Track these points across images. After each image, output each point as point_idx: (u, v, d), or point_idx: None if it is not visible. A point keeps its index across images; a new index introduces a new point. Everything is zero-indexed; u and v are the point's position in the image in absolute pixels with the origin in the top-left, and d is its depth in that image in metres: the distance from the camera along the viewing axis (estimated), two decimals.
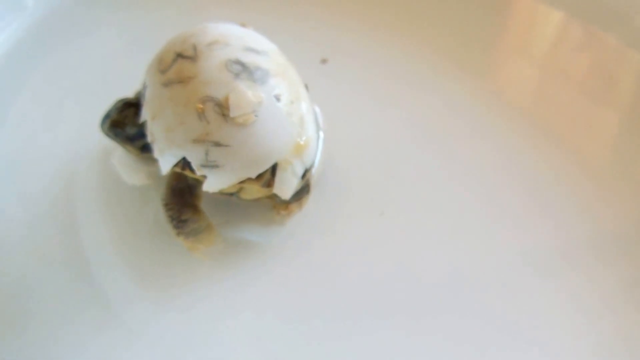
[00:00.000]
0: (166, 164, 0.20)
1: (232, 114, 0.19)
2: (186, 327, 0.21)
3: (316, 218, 0.24)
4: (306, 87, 0.23)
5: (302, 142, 0.21)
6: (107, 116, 0.23)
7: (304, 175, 0.22)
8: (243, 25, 0.23)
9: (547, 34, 0.32)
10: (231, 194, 0.22)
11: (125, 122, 0.22)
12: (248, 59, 0.21)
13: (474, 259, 0.23)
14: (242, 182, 0.20)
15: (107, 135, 0.23)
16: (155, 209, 0.23)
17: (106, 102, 0.23)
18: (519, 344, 0.21)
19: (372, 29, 0.31)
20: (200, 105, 0.19)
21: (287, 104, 0.21)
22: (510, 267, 0.23)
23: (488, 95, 0.29)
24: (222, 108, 0.19)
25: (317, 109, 0.25)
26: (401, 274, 0.23)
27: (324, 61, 0.29)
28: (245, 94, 0.20)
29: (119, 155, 0.24)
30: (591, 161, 0.27)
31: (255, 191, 0.22)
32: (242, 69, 0.20)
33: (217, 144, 0.19)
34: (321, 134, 0.24)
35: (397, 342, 0.21)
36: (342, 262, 0.23)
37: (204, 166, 0.20)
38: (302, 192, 0.23)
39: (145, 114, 0.21)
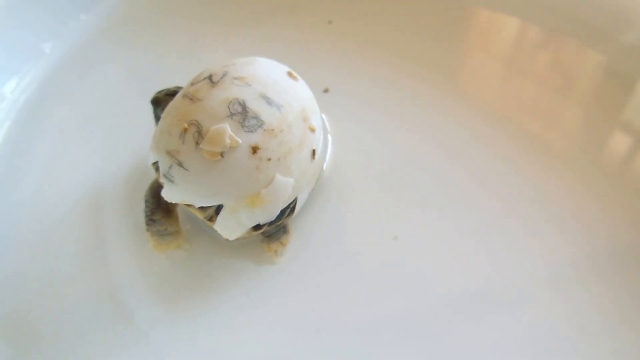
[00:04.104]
0: (150, 159, 0.23)
1: (202, 145, 0.21)
2: (210, 347, 0.23)
3: (326, 245, 0.25)
4: (313, 152, 0.23)
5: (258, 199, 0.21)
6: (159, 91, 0.25)
7: (259, 227, 0.23)
8: (289, 73, 0.24)
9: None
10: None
11: (159, 104, 0.25)
12: (254, 105, 0.22)
13: (494, 281, 0.23)
14: (188, 205, 0.22)
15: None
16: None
17: (123, 131, 0.28)
18: None
19: (366, 56, 0.32)
20: (186, 126, 0.21)
21: (261, 160, 0.21)
22: (535, 286, 0.23)
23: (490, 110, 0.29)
24: (199, 137, 0.21)
25: (324, 117, 0.27)
26: (417, 298, 0.23)
27: (326, 91, 0.30)
28: (224, 134, 0.21)
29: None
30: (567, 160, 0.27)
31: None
32: (240, 112, 0.21)
33: (180, 164, 0.21)
34: (329, 137, 0.28)
35: None
36: (352, 282, 0.24)
37: (164, 176, 0.22)
38: (279, 232, 0.25)
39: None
